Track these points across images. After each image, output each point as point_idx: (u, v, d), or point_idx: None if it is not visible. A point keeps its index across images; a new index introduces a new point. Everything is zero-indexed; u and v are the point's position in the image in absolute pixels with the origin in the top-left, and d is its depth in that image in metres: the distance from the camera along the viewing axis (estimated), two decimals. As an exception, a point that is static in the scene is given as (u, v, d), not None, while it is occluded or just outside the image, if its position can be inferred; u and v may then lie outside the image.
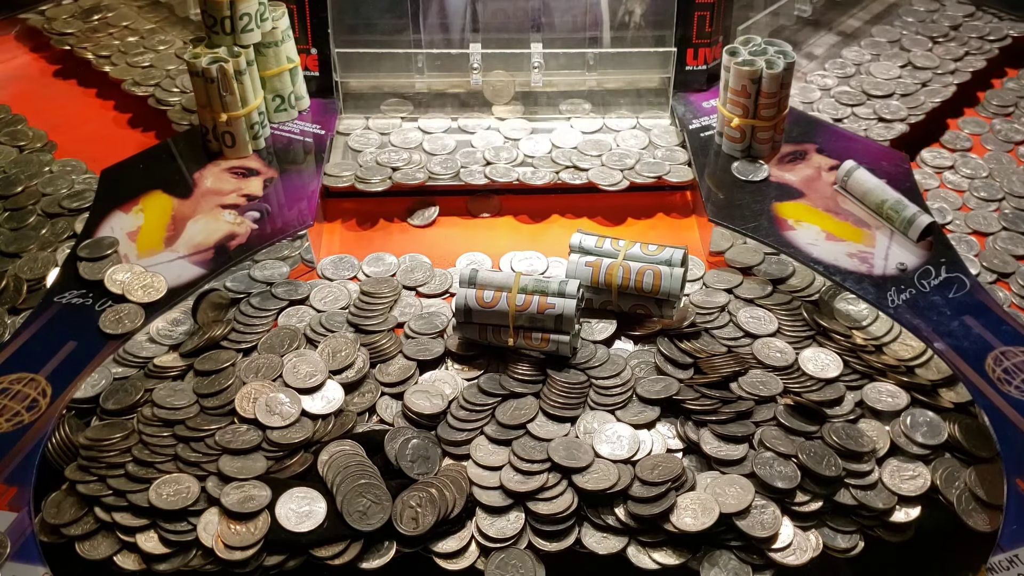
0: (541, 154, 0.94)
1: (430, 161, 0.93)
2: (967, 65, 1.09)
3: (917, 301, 0.77)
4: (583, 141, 0.96)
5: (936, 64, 1.09)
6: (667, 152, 0.95)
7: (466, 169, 0.92)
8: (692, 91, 1.01)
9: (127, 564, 0.64)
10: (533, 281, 0.75)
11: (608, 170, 0.92)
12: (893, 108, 1.03)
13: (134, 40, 1.12)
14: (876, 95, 1.05)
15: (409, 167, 0.92)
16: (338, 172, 0.92)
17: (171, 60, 1.09)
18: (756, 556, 0.65)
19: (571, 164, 0.93)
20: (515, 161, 0.93)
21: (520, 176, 0.92)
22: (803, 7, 1.15)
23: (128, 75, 1.07)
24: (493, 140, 0.96)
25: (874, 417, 0.72)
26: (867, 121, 1.01)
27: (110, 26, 1.15)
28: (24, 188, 0.94)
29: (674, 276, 0.76)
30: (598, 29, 0.99)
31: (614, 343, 0.78)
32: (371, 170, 0.92)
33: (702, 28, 0.98)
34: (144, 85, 1.05)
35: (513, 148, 0.95)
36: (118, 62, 1.09)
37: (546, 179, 0.91)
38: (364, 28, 0.98)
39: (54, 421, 0.69)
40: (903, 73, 1.08)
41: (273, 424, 0.71)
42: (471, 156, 0.94)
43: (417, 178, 0.91)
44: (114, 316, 0.76)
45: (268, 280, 0.84)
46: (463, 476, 0.68)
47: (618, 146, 0.95)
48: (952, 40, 1.13)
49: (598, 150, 0.95)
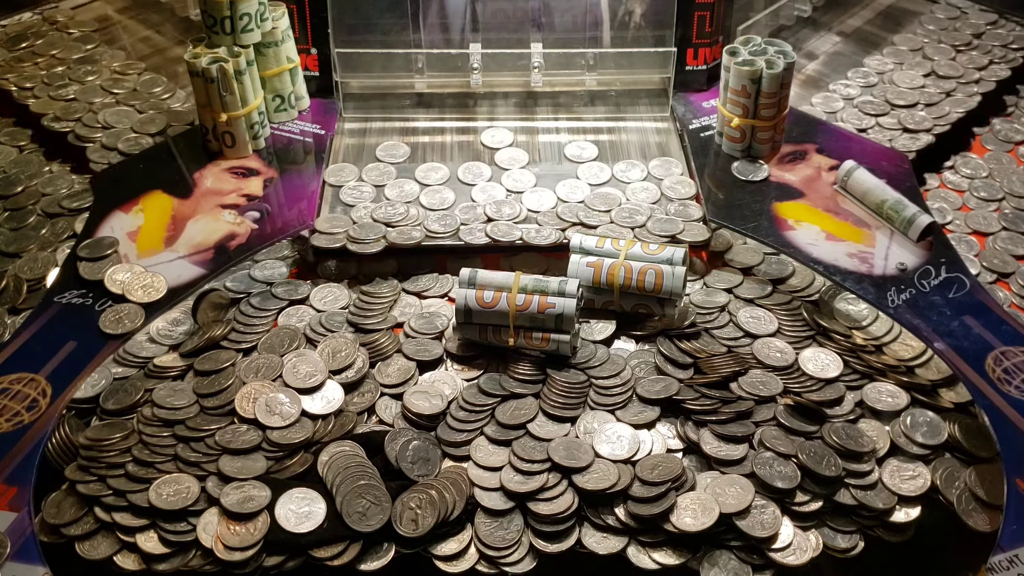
0: (546, 209, 0.88)
1: (427, 217, 0.86)
2: (991, 74, 1.08)
3: (917, 301, 0.77)
4: (591, 195, 0.89)
5: (960, 73, 1.07)
6: (680, 208, 0.88)
7: (466, 227, 0.85)
8: (692, 91, 1.01)
9: (127, 564, 0.64)
10: (533, 281, 0.75)
11: (617, 228, 0.85)
12: (918, 118, 1.01)
13: (60, 71, 1.08)
14: (900, 105, 1.03)
15: (405, 225, 0.85)
16: (330, 228, 0.85)
17: (96, 92, 1.04)
18: (756, 556, 0.65)
19: (578, 221, 0.86)
20: (518, 217, 0.87)
21: (524, 235, 0.84)
22: (803, 7, 1.15)
23: (50, 109, 1.02)
24: (495, 194, 0.90)
25: (874, 417, 0.72)
26: (892, 131, 0.99)
27: (36, 55, 1.10)
28: (24, 188, 0.94)
29: (676, 275, 0.76)
30: (598, 29, 0.99)
31: (614, 343, 0.78)
32: (365, 228, 0.85)
33: (702, 28, 0.98)
34: (65, 120, 1.01)
35: (516, 203, 0.88)
36: (41, 95, 1.04)
37: (551, 239, 0.84)
38: (364, 28, 0.98)
39: (54, 421, 0.69)
40: (927, 82, 1.06)
41: (273, 424, 0.71)
42: (471, 212, 0.87)
43: (414, 237, 0.84)
44: (114, 316, 0.76)
45: (268, 280, 0.83)
46: (463, 478, 0.68)
47: (628, 200, 0.89)
48: (975, 48, 1.12)
49: (607, 205, 0.88)
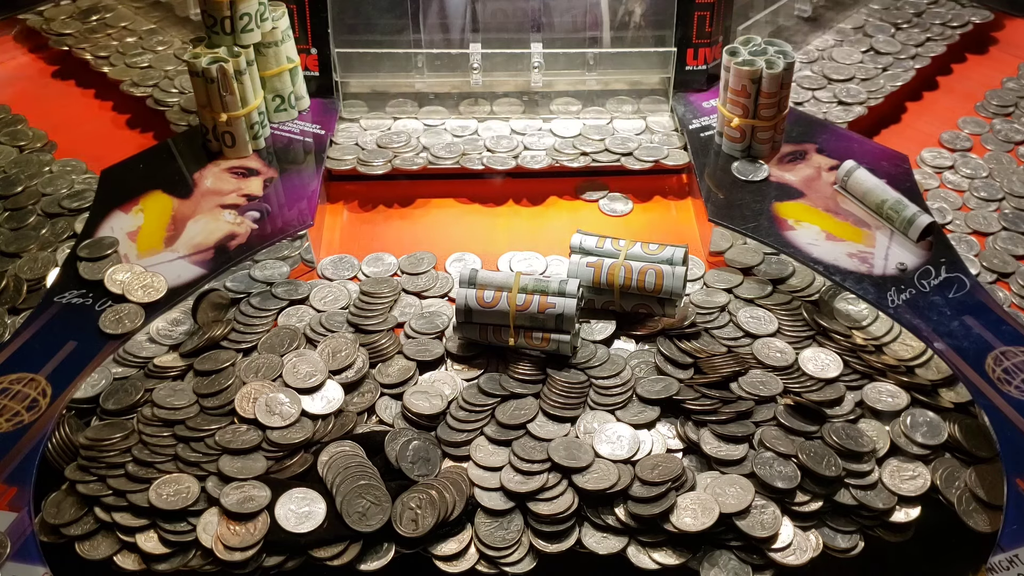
0: (546, 147, 0.96)
1: (432, 146, 0.95)
2: (928, 50, 1.11)
3: (917, 301, 0.77)
4: (585, 127, 0.97)
5: (898, 49, 1.11)
6: (664, 136, 0.96)
7: (467, 156, 0.93)
8: (692, 91, 1.01)
9: (127, 564, 0.65)
10: (533, 281, 0.75)
11: (611, 154, 0.94)
12: (853, 92, 1.04)
13: (132, 41, 1.12)
14: (837, 79, 1.06)
15: (408, 151, 0.94)
16: (340, 155, 0.94)
17: (169, 60, 1.09)
18: (756, 556, 0.65)
19: (575, 148, 0.94)
20: (515, 150, 0.94)
21: (520, 161, 0.93)
22: (803, 7, 1.15)
23: (126, 76, 1.07)
24: (497, 129, 0.98)
25: (874, 417, 0.72)
26: (827, 104, 1.02)
27: (108, 27, 1.15)
28: (24, 188, 0.94)
29: (676, 274, 0.76)
30: (598, 29, 0.99)
31: (614, 343, 0.78)
32: (372, 153, 0.94)
33: (702, 28, 0.98)
34: (142, 86, 1.05)
35: (515, 137, 0.96)
36: (116, 63, 1.09)
37: (544, 163, 0.93)
38: (364, 28, 0.98)
39: (54, 421, 0.69)
40: (864, 58, 1.10)
41: (273, 424, 0.71)
42: (473, 143, 0.95)
43: (417, 163, 0.93)
44: (114, 316, 0.76)
45: (268, 280, 0.84)
46: (463, 478, 0.68)
47: (617, 131, 0.97)
48: (916, 27, 1.15)
49: (600, 135, 0.96)
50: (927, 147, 1.00)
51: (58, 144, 1.00)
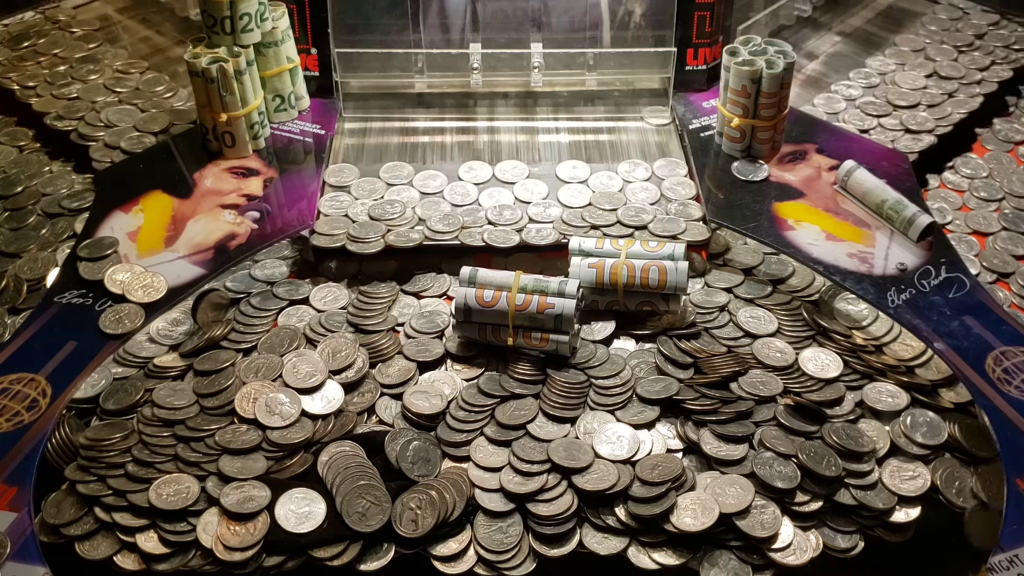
0: (552, 218, 0.87)
1: (430, 218, 0.86)
2: (993, 75, 1.08)
3: (917, 301, 0.77)
4: (596, 196, 0.89)
5: (962, 74, 1.08)
6: (680, 208, 0.88)
7: (467, 231, 0.85)
8: (692, 91, 1.01)
9: (127, 564, 0.65)
10: (533, 280, 0.75)
11: (623, 228, 0.85)
12: (920, 119, 1.01)
13: (62, 70, 1.08)
14: (902, 105, 1.03)
15: (403, 226, 0.85)
16: (329, 230, 0.85)
17: (99, 91, 1.04)
18: (756, 556, 0.65)
19: (584, 222, 0.86)
20: (520, 221, 0.86)
21: (524, 236, 0.85)
22: (803, 7, 1.16)
23: (52, 108, 1.02)
24: (500, 198, 0.89)
25: (874, 417, 0.72)
26: (893, 132, 0.99)
27: (39, 54, 1.10)
28: (24, 188, 0.94)
29: (679, 270, 0.76)
30: (598, 29, 0.99)
31: (613, 342, 0.78)
32: (364, 227, 0.85)
33: (702, 28, 0.98)
34: (68, 119, 1.01)
35: (519, 207, 0.88)
36: (43, 93, 1.04)
37: (550, 239, 0.84)
38: (364, 28, 0.98)
39: (54, 421, 0.69)
40: (928, 83, 1.06)
41: (273, 424, 0.71)
42: (473, 215, 0.87)
43: (413, 239, 0.84)
44: (114, 316, 0.76)
45: (268, 280, 0.83)
46: (463, 479, 0.68)
47: (629, 201, 0.89)
48: (977, 49, 1.12)
49: (611, 204, 0.88)
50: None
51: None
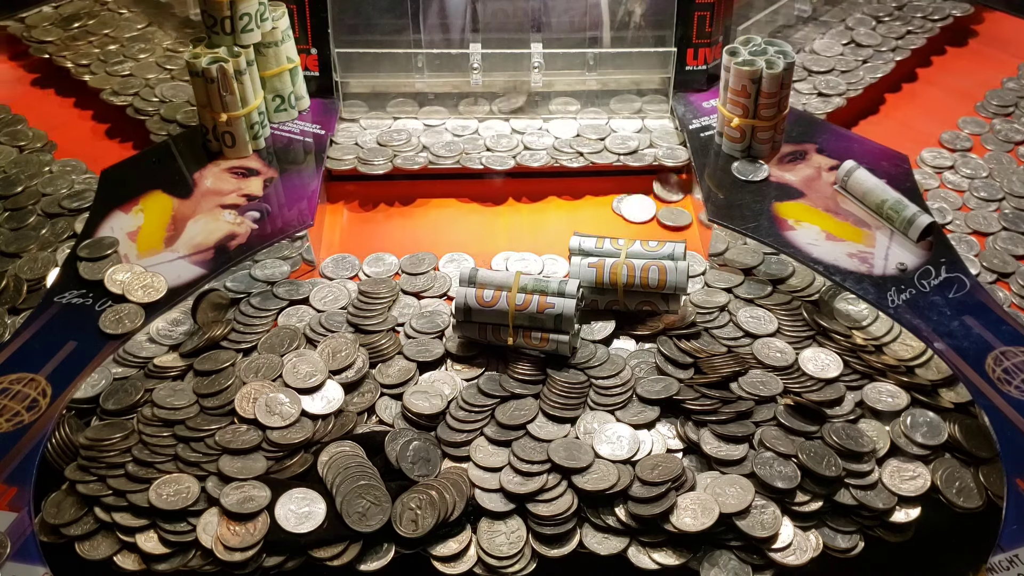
0: (545, 146, 0.96)
1: (432, 145, 0.95)
2: (908, 43, 1.12)
3: (917, 301, 0.77)
4: (583, 126, 0.98)
5: (878, 42, 1.12)
6: (663, 135, 0.97)
7: (467, 156, 0.94)
8: (692, 91, 1.01)
9: (127, 564, 0.65)
10: (533, 280, 0.75)
11: (609, 154, 0.94)
12: (832, 83, 1.05)
13: (114, 48, 1.11)
14: (817, 71, 1.07)
15: (409, 150, 0.94)
16: (340, 155, 0.94)
17: (151, 69, 1.07)
18: (756, 556, 0.65)
19: (573, 149, 0.95)
20: (515, 150, 0.95)
21: (519, 159, 0.93)
22: (803, 7, 1.15)
23: (107, 84, 1.05)
24: (498, 128, 0.98)
25: (874, 417, 0.72)
26: (807, 96, 1.03)
27: (90, 34, 1.13)
28: (24, 188, 0.94)
29: (679, 269, 0.76)
30: (598, 29, 0.99)
31: (613, 342, 0.78)
32: (373, 152, 0.94)
33: (702, 28, 0.98)
34: (123, 95, 1.03)
35: (515, 137, 0.97)
36: (97, 71, 1.07)
37: (543, 161, 0.93)
38: (364, 28, 0.98)
39: (54, 421, 0.69)
40: (845, 51, 1.10)
41: (273, 424, 0.71)
42: (473, 142, 0.96)
43: (418, 162, 0.93)
44: (114, 316, 0.76)
45: (268, 280, 0.84)
46: (463, 479, 0.68)
47: (616, 131, 0.98)
48: (897, 20, 1.16)
49: (598, 134, 0.97)
50: (927, 147, 1.00)
51: (57, 144, 1.00)
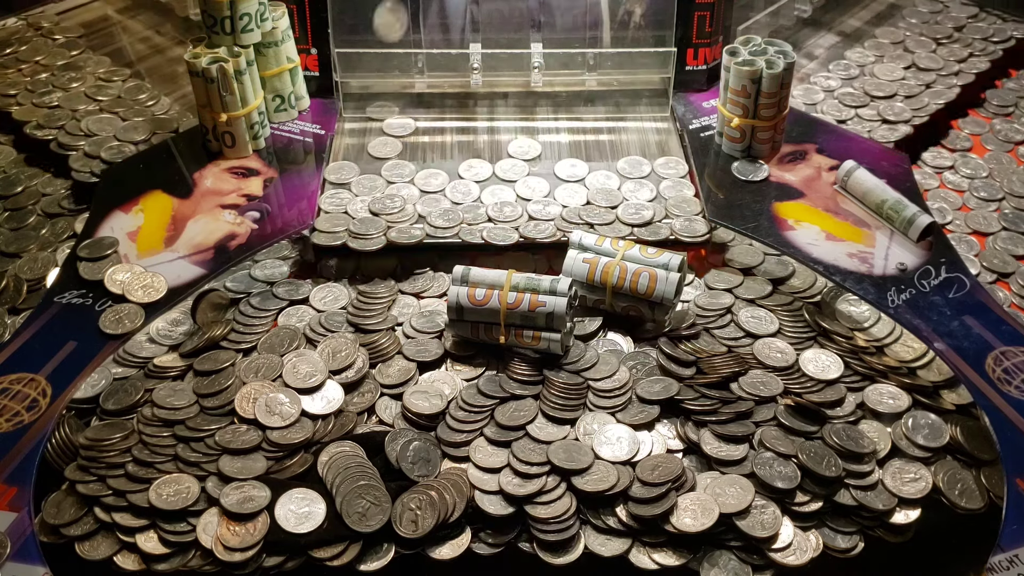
0: (552, 216, 0.87)
1: (430, 214, 0.86)
2: (970, 66, 1.09)
3: (917, 301, 0.77)
4: (593, 193, 0.89)
5: (940, 66, 1.09)
6: (681, 205, 0.88)
7: (468, 228, 0.85)
8: (692, 91, 1.01)
9: (127, 564, 0.64)
10: (525, 279, 0.75)
11: (620, 226, 0.86)
12: (897, 110, 1.02)
13: (44, 77, 1.06)
14: (879, 96, 1.04)
15: (404, 223, 0.85)
16: (330, 227, 0.85)
17: (80, 100, 1.03)
18: (756, 556, 0.65)
19: (581, 220, 0.86)
20: (520, 218, 0.87)
21: (523, 231, 0.85)
22: (803, 7, 1.16)
23: (32, 117, 1.00)
24: (502, 195, 0.89)
25: (875, 419, 0.72)
26: (871, 123, 1.00)
27: (20, 61, 1.09)
28: (24, 188, 0.94)
29: (669, 280, 0.76)
30: (598, 29, 0.99)
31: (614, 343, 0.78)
32: (365, 223, 0.85)
33: (702, 28, 0.98)
34: (48, 128, 0.99)
35: (519, 204, 0.88)
36: (24, 102, 1.03)
37: (549, 234, 0.85)
38: (364, 28, 0.98)
39: (54, 421, 0.69)
40: (907, 75, 1.08)
41: (273, 424, 0.70)
42: (474, 212, 0.87)
43: (414, 235, 0.84)
44: (114, 316, 0.76)
45: (268, 280, 0.83)
46: (463, 479, 0.68)
47: (628, 199, 0.89)
48: (956, 42, 1.13)
49: (609, 202, 0.88)
50: (927, 147, 1.00)
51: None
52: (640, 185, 0.91)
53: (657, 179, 0.92)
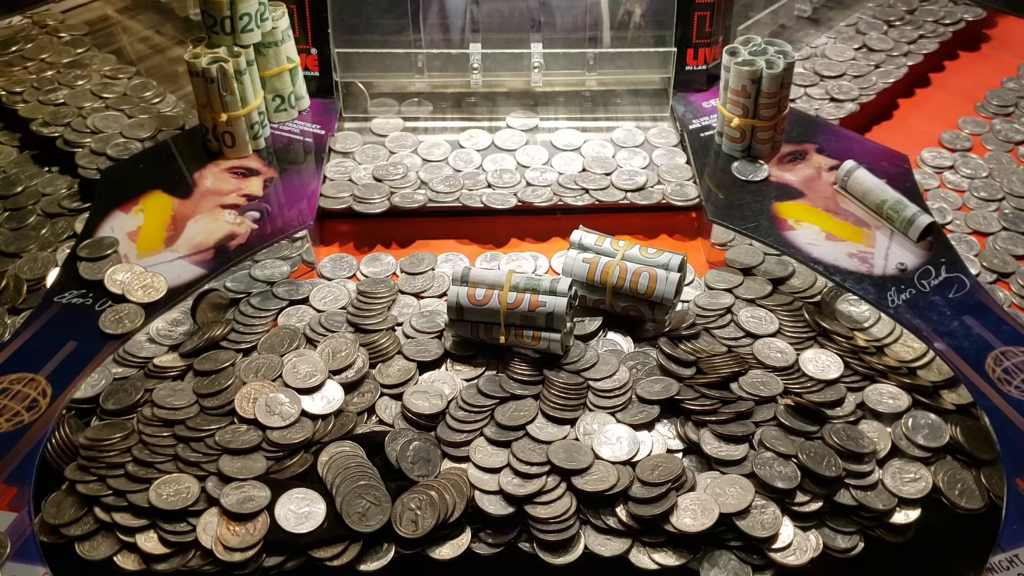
0: (549, 182, 0.91)
1: (431, 180, 0.91)
2: (920, 48, 1.12)
3: (917, 301, 0.77)
4: (589, 160, 0.93)
5: (890, 47, 1.12)
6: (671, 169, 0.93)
7: (468, 193, 0.89)
8: (692, 91, 1.01)
9: (127, 564, 0.64)
10: (525, 279, 0.75)
11: (615, 191, 0.90)
12: (844, 88, 1.05)
13: (50, 75, 1.07)
14: (828, 76, 1.07)
15: (407, 188, 0.89)
16: (335, 193, 0.89)
17: (86, 97, 1.03)
18: (756, 556, 0.65)
19: (578, 186, 0.90)
20: (518, 186, 0.91)
21: (521, 196, 0.89)
22: (803, 7, 1.16)
23: (38, 114, 1.01)
24: (502, 163, 0.94)
25: (875, 419, 0.72)
26: (819, 101, 1.03)
27: (26, 59, 1.10)
28: (24, 188, 0.94)
29: (669, 280, 0.76)
30: (598, 29, 0.99)
31: (613, 342, 0.78)
32: (369, 188, 0.90)
33: (702, 28, 0.98)
34: (54, 125, 0.99)
35: (518, 172, 0.92)
36: (30, 99, 1.03)
37: (546, 198, 0.89)
38: (364, 28, 0.98)
39: (54, 421, 0.69)
40: (857, 55, 1.10)
41: (273, 424, 0.70)
42: (474, 177, 0.91)
43: (416, 200, 0.88)
44: (114, 316, 0.76)
45: (268, 280, 0.83)
46: (463, 479, 0.68)
47: (622, 165, 0.93)
48: (908, 24, 1.16)
49: (604, 169, 0.92)
50: (927, 147, 1.00)
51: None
52: (634, 153, 0.95)
53: (650, 147, 0.96)
